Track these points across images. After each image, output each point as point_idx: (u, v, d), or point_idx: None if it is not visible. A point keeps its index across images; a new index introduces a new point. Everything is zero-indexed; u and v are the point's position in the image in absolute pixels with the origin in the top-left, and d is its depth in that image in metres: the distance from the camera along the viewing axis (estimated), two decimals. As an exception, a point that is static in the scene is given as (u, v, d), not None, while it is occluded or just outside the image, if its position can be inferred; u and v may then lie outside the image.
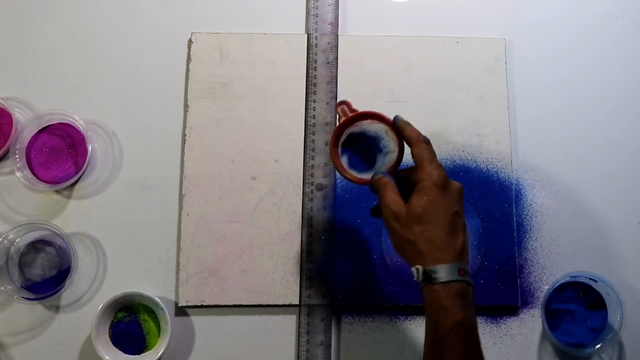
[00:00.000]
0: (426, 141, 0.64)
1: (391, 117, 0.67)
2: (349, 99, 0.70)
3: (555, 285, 0.78)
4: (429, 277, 0.59)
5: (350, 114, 0.68)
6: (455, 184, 0.64)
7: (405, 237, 0.62)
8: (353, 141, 0.70)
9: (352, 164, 0.69)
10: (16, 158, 0.82)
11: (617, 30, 0.90)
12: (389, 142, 0.68)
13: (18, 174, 0.81)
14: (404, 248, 0.63)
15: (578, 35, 0.90)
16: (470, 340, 0.59)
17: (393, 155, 0.67)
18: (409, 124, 0.66)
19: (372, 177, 0.66)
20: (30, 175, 0.82)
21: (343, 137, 0.69)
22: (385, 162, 0.68)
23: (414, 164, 0.64)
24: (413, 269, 0.61)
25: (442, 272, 0.59)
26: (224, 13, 0.89)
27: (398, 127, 0.66)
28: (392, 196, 0.63)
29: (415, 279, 0.60)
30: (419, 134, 0.65)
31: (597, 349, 0.77)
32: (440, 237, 0.60)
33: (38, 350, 0.79)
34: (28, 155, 0.84)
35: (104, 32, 0.88)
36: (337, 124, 0.69)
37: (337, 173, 0.83)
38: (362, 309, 0.81)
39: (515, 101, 0.87)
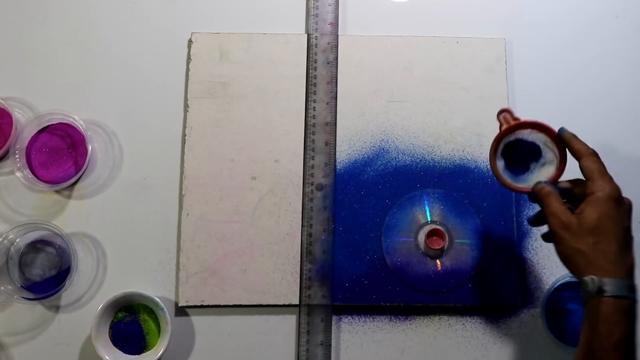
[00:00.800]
0: (595, 154, 0.65)
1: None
2: (510, 109, 0.70)
3: (555, 285, 0.78)
4: (601, 290, 0.59)
5: (512, 122, 0.68)
6: (627, 199, 0.64)
7: (575, 247, 0.61)
8: (509, 149, 0.70)
9: (505, 172, 0.70)
10: (16, 158, 0.82)
11: (617, 30, 0.90)
12: (548, 152, 0.68)
13: (18, 174, 0.81)
14: (573, 258, 0.62)
15: (578, 35, 0.90)
16: (629, 356, 0.59)
17: (551, 166, 0.68)
18: (576, 137, 0.66)
19: (535, 186, 0.66)
20: (30, 175, 0.82)
21: (502, 145, 0.69)
22: (541, 172, 0.68)
23: (576, 178, 0.65)
24: (587, 278, 0.60)
25: (614, 287, 0.59)
26: (224, 13, 0.89)
27: (564, 139, 0.66)
28: (558, 206, 0.63)
29: (587, 289, 0.60)
30: (588, 146, 0.65)
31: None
32: (613, 251, 0.60)
33: (38, 350, 0.79)
34: (28, 155, 0.84)
35: (104, 32, 0.88)
36: (499, 131, 0.69)
37: (337, 173, 0.83)
38: (362, 309, 0.81)
39: (515, 101, 0.87)
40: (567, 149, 0.67)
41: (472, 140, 0.85)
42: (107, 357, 0.76)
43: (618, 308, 0.58)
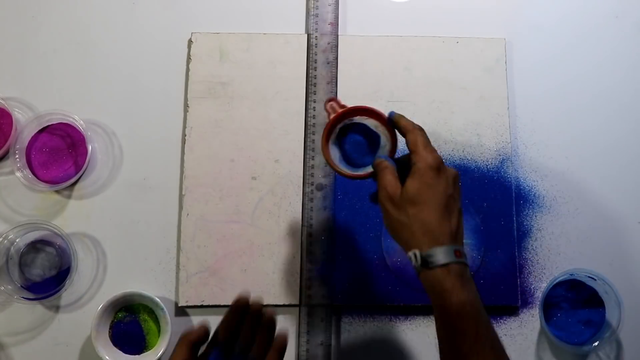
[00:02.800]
0: (420, 129, 0.64)
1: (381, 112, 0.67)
2: (339, 98, 0.70)
3: (554, 283, 0.78)
4: (425, 262, 0.59)
5: (339, 110, 0.68)
6: (451, 169, 0.63)
7: (398, 219, 0.61)
8: (344, 137, 0.69)
9: (345, 160, 0.69)
10: (16, 158, 0.82)
11: (618, 31, 0.90)
12: (381, 136, 0.68)
13: (18, 174, 0.81)
14: (397, 231, 0.62)
15: (578, 36, 0.90)
16: (480, 319, 0.58)
17: (386, 149, 0.67)
18: (402, 116, 0.66)
19: (374, 162, 0.66)
20: (30, 175, 0.82)
21: (334, 135, 0.69)
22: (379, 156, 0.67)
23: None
24: (410, 254, 0.60)
25: (439, 256, 0.59)
26: (224, 13, 0.89)
27: (394, 120, 0.66)
28: (389, 179, 0.63)
29: (412, 264, 0.60)
30: (414, 123, 0.65)
31: (595, 347, 0.77)
32: (434, 219, 0.60)
33: (38, 350, 0.79)
34: (28, 155, 0.84)
35: (104, 32, 0.88)
36: (327, 121, 0.69)
37: (337, 172, 0.83)
38: (362, 309, 0.81)
39: (515, 101, 0.87)
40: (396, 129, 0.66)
41: (472, 140, 0.85)
42: (107, 357, 0.76)
43: (447, 275, 0.58)
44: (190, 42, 0.87)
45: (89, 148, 0.82)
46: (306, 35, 0.88)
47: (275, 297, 0.80)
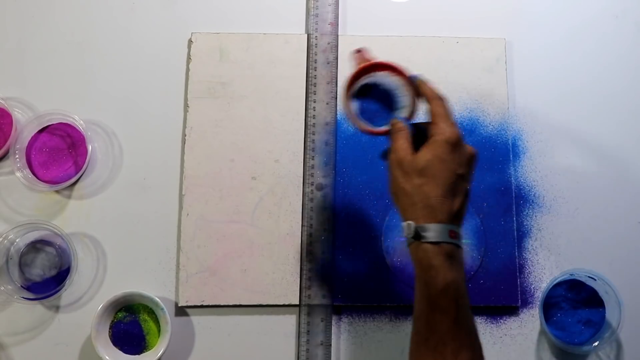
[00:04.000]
0: (442, 99, 0.63)
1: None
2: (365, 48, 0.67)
3: (554, 283, 0.78)
4: (418, 234, 0.58)
5: (366, 62, 0.66)
6: (469, 148, 0.62)
7: (402, 186, 0.60)
8: (366, 92, 0.67)
9: (363, 116, 0.67)
10: (16, 158, 0.82)
11: (617, 30, 0.90)
12: (404, 97, 0.66)
13: (18, 174, 0.81)
14: (398, 197, 0.61)
15: (578, 36, 0.90)
16: (462, 302, 0.58)
17: (407, 111, 0.65)
18: (425, 83, 0.64)
19: (391, 121, 0.64)
20: (30, 175, 0.82)
21: (356, 87, 0.67)
22: (398, 115, 0.66)
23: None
24: (404, 224, 0.59)
25: (433, 232, 0.58)
26: (224, 13, 0.89)
27: (416, 83, 0.64)
28: (402, 142, 0.62)
29: (404, 234, 0.59)
30: (437, 91, 0.63)
31: (595, 347, 0.77)
32: (438, 195, 0.59)
33: (38, 350, 0.79)
34: (28, 155, 0.84)
35: (104, 32, 0.88)
36: (353, 71, 0.66)
37: (337, 172, 0.83)
38: (362, 309, 0.81)
39: (515, 101, 0.87)
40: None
41: (472, 141, 0.85)
42: (107, 357, 0.76)
43: (437, 252, 0.57)
44: (190, 42, 0.87)
45: (89, 148, 0.82)
46: (306, 35, 0.88)
47: (275, 297, 0.80)
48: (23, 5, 0.89)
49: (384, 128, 0.65)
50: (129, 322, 0.79)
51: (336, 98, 0.85)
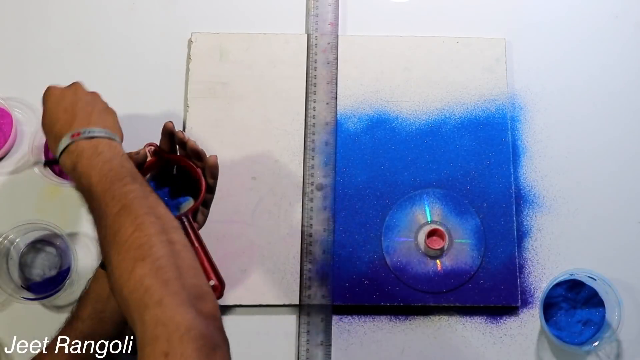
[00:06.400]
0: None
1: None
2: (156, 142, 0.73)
3: (554, 283, 0.78)
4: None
5: (150, 159, 0.72)
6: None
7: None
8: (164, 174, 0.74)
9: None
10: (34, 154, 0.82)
11: (617, 30, 0.90)
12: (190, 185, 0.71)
13: (36, 169, 0.82)
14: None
15: (578, 35, 0.90)
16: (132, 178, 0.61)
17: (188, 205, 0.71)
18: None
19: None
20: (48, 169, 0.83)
21: (149, 177, 0.72)
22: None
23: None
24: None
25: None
26: (224, 13, 0.89)
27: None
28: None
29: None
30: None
31: (595, 347, 0.77)
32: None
33: (38, 350, 0.79)
34: (46, 153, 0.84)
35: (104, 33, 0.88)
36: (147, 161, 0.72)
37: (337, 172, 0.83)
38: (362, 309, 0.81)
39: (515, 101, 0.87)
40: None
41: (472, 141, 0.85)
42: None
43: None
44: (190, 42, 0.87)
45: (89, 148, 0.82)
46: (306, 35, 0.88)
47: (275, 297, 0.80)
48: (23, 5, 0.89)
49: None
50: (129, 322, 0.79)
51: (336, 98, 0.85)
